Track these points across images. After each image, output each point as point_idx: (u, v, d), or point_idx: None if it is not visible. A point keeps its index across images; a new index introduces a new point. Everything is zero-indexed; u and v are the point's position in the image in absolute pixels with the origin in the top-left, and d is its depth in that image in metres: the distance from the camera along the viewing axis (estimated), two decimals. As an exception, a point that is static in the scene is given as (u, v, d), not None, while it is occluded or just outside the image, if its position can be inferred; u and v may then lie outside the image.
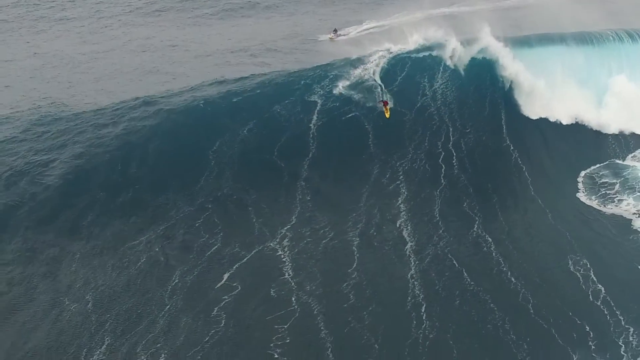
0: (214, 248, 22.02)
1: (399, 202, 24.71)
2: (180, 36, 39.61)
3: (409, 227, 23.68)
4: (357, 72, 28.76)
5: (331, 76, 28.46)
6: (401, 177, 25.76)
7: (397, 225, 23.71)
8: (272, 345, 19.06)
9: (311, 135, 26.46)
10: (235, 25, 42.20)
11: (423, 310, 20.44)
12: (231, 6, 46.46)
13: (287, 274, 21.41)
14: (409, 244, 23.01)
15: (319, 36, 38.09)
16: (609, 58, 33.92)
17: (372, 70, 28.92)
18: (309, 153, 25.96)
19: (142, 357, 18.36)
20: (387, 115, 27.39)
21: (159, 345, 18.76)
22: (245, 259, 21.76)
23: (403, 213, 24.10)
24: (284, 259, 21.96)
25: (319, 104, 27.40)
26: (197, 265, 21.37)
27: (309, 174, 25.26)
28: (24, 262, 20.95)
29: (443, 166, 26.58)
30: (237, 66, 32.09)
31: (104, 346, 18.56)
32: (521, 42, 32.58)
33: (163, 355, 18.47)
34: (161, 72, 32.38)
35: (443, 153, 27.03)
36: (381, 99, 28.01)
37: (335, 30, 38.77)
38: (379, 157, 26.52)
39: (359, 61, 29.44)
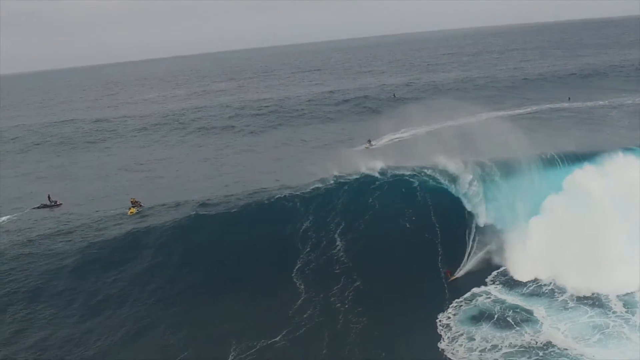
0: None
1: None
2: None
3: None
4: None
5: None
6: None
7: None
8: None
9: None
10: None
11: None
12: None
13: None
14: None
15: (357, 146, 44.83)
16: None
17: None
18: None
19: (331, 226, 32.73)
20: (451, 279, 28.72)
21: (338, 219, 32.97)
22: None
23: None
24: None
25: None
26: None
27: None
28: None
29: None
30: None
31: (309, 221, 33.03)
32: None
33: (343, 223, 32.59)
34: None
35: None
36: (447, 269, 29.17)
37: (369, 141, 44.58)
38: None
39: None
